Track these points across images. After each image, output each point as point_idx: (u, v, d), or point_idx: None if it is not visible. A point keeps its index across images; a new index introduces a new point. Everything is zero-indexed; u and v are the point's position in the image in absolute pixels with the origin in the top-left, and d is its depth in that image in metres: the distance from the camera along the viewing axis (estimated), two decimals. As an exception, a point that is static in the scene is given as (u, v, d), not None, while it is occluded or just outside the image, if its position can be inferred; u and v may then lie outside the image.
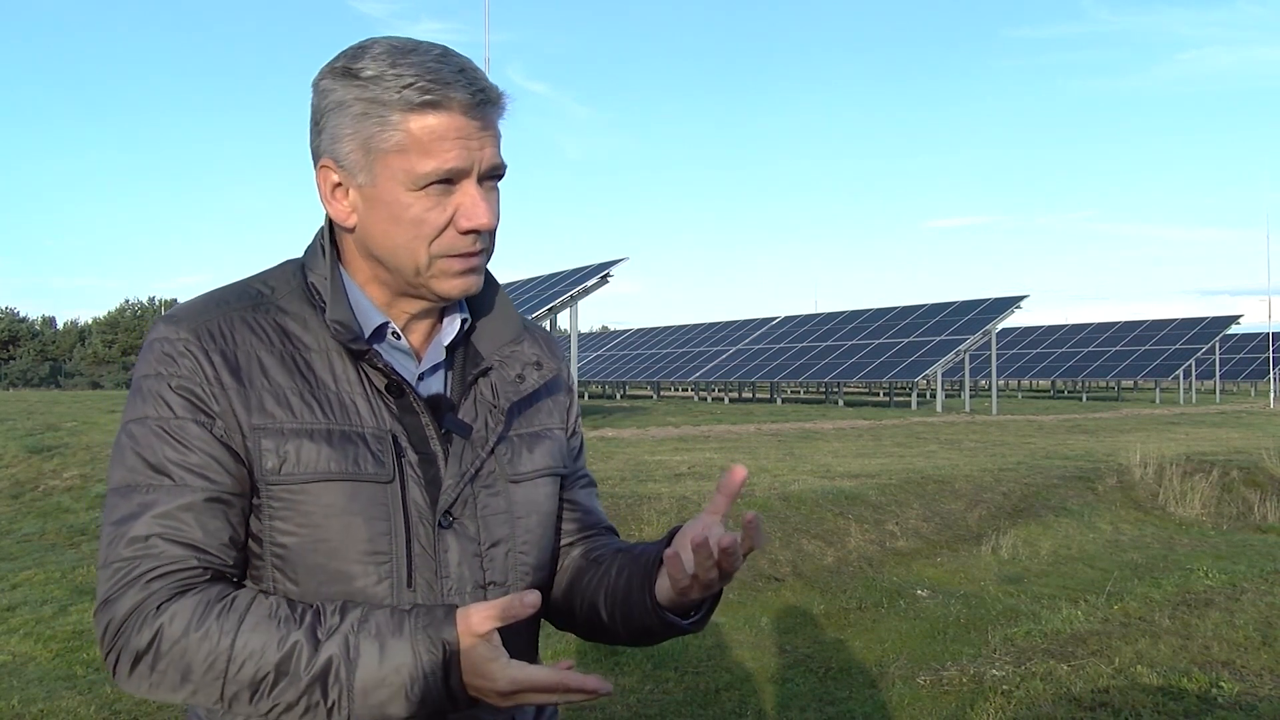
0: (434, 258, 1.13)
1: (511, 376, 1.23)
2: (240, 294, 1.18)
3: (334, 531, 1.10)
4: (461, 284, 1.16)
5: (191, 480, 1.07)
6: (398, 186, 1.11)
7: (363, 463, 1.11)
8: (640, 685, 4.54)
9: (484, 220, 1.12)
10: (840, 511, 7.88)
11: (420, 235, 1.12)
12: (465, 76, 1.10)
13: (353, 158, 1.13)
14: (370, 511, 1.10)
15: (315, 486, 1.09)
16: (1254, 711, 4.15)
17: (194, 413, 1.09)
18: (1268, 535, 8.57)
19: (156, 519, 1.06)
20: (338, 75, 1.13)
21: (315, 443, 1.10)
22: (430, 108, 1.09)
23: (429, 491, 1.14)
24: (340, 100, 1.12)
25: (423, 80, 1.08)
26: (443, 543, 1.14)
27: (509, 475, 1.21)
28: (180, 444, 1.08)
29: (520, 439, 1.24)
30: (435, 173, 1.10)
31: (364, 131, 1.11)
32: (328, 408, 1.12)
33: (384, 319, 1.19)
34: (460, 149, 1.10)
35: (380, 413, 1.14)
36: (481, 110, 1.11)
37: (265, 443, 1.09)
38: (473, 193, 1.12)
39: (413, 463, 1.14)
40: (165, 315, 1.15)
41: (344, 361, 1.15)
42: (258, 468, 1.09)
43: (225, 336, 1.12)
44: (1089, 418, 21.31)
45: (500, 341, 1.25)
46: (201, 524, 1.07)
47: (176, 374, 1.10)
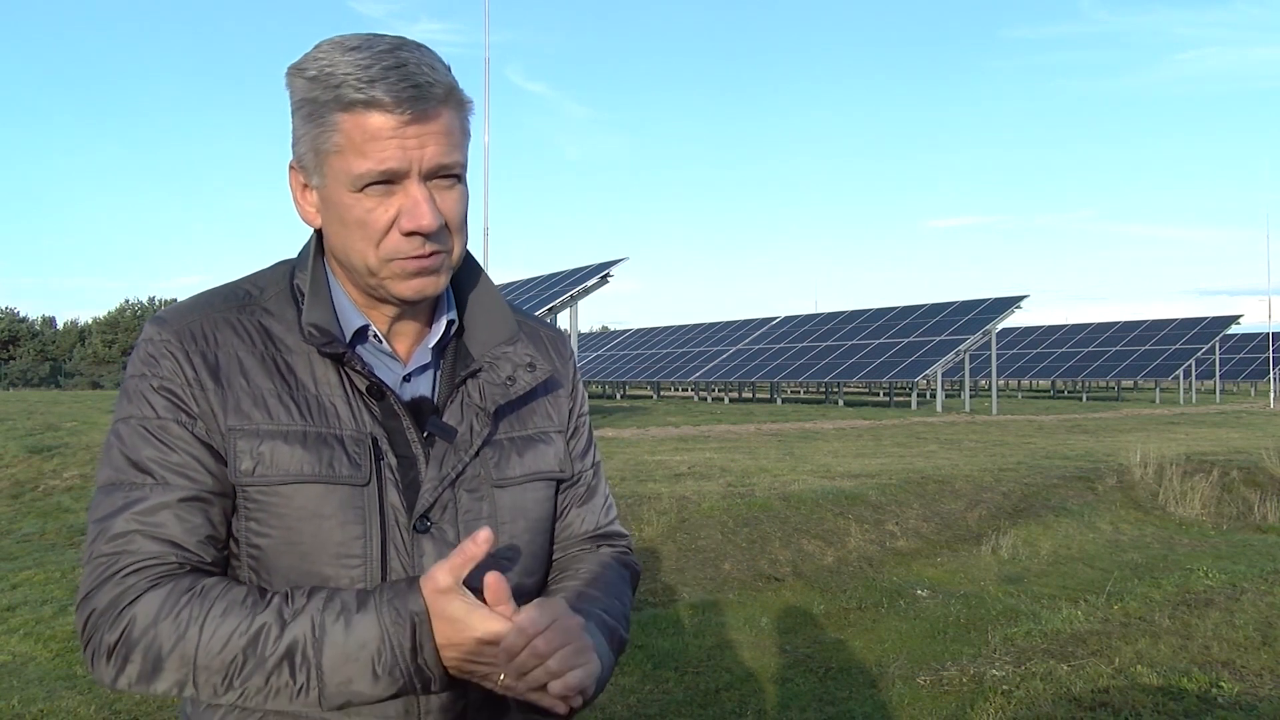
0: (384, 260, 1.11)
1: (501, 378, 1.21)
2: (228, 296, 1.18)
3: (306, 534, 1.09)
4: (415, 285, 1.13)
5: (172, 479, 1.08)
6: (341, 188, 1.10)
7: (337, 465, 1.10)
8: (640, 685, 4.54)
9: (424, 222, 1.08)
10: (840, 511, 7.87)
11: (366, 237, 1.10)
12: (400, 73, 1.06)
13: (308, 159, 1.12)
14: (344, 514, 1.10)
15: (288, 488, 1.09)
16: (1254, 711, 4.15)
17: (175, 413, 1.10)
18: (1268, 535, 8.56)
19: (137, 516, 1.06)
20: (293, 75, 1.11)
21: (289, 444, 1.10)
22: (362, 106, 1.06)
23: (407, 495, 1.13)
24: (296, 101, 1.11)
25: (354, 78, 1.06)
26: (419, 547, 1.12)
27: (494, 480, 1.19)
28: (162, 443, 1.09)
29: (511, 442, 1.22)
30: (370, 174, 1.07)
31: (312, 133, 1.10)
32: (306, 410, 1.12)
33: (365, 321, 1.18)
34: (395, 148, 1.07)
35: (361, 415, 1.13)
36: (416, 106, 1.06)
37: (240, 444, 1.09)
38: (414, 194, 1.09)
39: (392, 466, 1.12)
40: (154, 316, 1.16)
41: (325, 363, 1.15)
42: (232, 469, 1.09)
43: (207, 338, 1.13)
44: (1089, 418, 21.30)
45: (491, 343, 1.23)
46: (181, 521, 1.07)
47: (158, 374, 1.11)
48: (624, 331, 48.39)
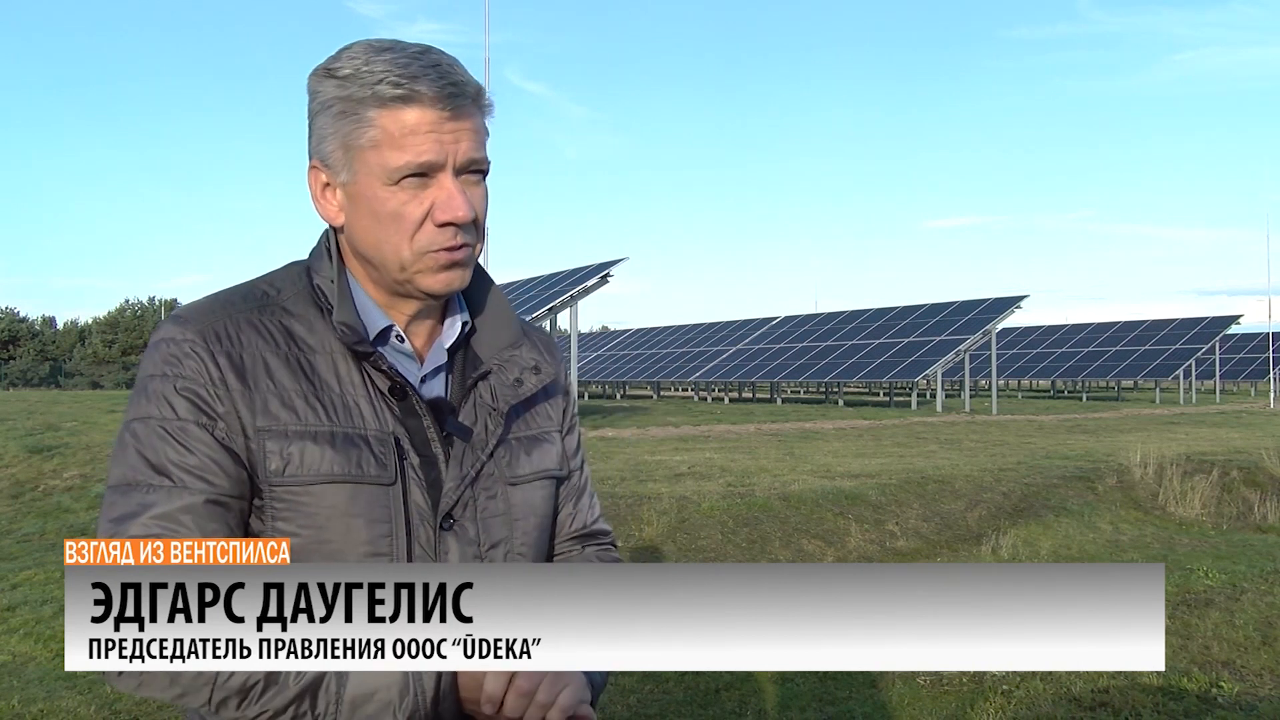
0: (417, 253, 1.14)
1: (510, 380, 1.24)
2: (246, 295, 1.19)
3: (336, 532, 1.11)
4: (445, 278, 1.16)
5: (191, 482, 1.08)
6: (375, 182, 1.13)
7: (365, 465, 1.12)
8: (640, 685, 4.54)
9: (460, 213, 1.12)
10: (840, 511, 7.88)
11: (400, 230, 1.13)
12: (437, 71, 1.11)
13: (335, 156, 1.15)
14: (372, 513, 1.12)
15: (318, 488, 1.10)
16: (1254, 711, 4.15)
17: (196, 414, 1.10)
18: (1268, 535, 8.57)
19: (154, 519, 1.06)
20: (321, 76, 1.15)
21: (319, 445, 1.11)
22: (401, 102, 1.10)
23: (430, 494, 1.15)
24: (324, 101, 1.14)
25: (393, 75, 1.10)
26: (443, 544, 1.15)
27: (507, 478, 1.22)
28: (181, 445, 1.09)
29: (518, 442, 1.25)
30: (408, 166, 1.11)
31: (343, 130, 1.13)
32: (331, 410, 1.13)
33: (388, 321, 1.20)
34: (432, 142, 1.11)
35: (383, 415, 1.15)
36: (454, 103, 1.12)
37: (270, 445, 1.10)
38: (449, 186, 1.13)
39: (414, 465, 1.15)
40: (172, 315, 1.16)
41: (348, 364, 1.16)
42: (261, 469, 1.10)
43: (231, 338, 1.13)
44: (1089, 418, 21.31)
45: (499, 345, 1.26)
46: (199, 525, 1.07)
47: (181, 375, 1.10)
48: (624, 331, 48.41)
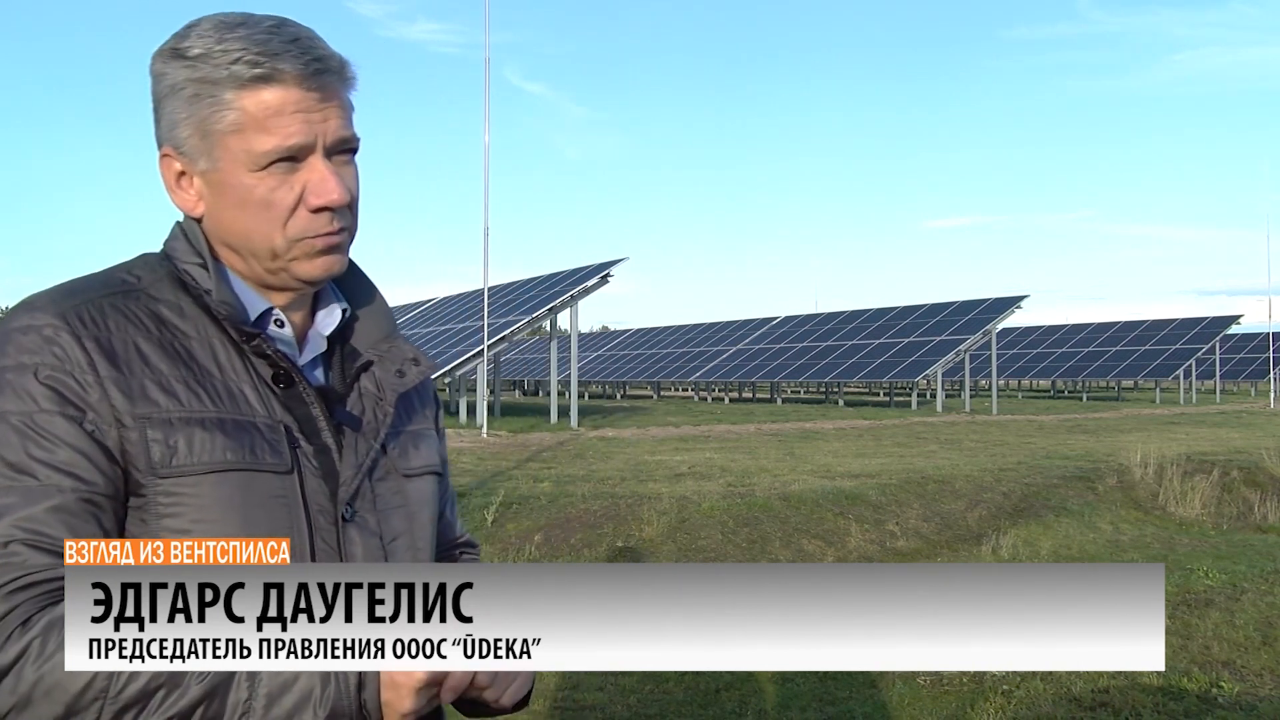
0: (290, 241, 1.07)
1: (393, 371, 1.18)
2: (105, 282, 1.08)
3: (233, 526, 1.00)
4: (324, 263, 1.09)
5: (59, 480, 0.96)
6: (240, 169, 1.05)
7: (260, 452, 1.03)
8: (640, 685, 4.54)
9: (335, 196, 1.06)
10: (840, 511, 7.88)
11: (270, 218, 1.06)
12: (298, 46, 1.04)
13: (191, 143, 1.07)
14: (270, 504, 1.03)
15: (212, 478, 1.01)
16: (1254, 711, 4.15)
17: (62, 405, 0.98)
18: (1268, 535, 8.57)
19: (17, 523, 0.94)
20: (167, 57, 1.06)
21: (208, 431, 1.02)
22: (262, 82, 1.03)
23: (327, 483, 1.08)
24: (172, 84, 1.06)
25: (250, 53, 1.02)
26: (347, 536, 1.08)
27: (401, 470, 1.16)
28: (46, 440, 0.97)
29: (406, 435, 1.20)
30: (276, 150, 1.04)
31: (198, 114, 1.05)
32: (215, 396, 1.04)
33: (267, 304, 1.12)
34: (300, 123, 1.04)
35: (270, 402, 1.07)
36: (320, 80, 1.05)
37: (152, 433, 1.00)
38: (320, 169, 1.06)
39: (308, 454, 1.07)
40: (21, 303, 1.05)
41: (227, 349, 1.08)
42: (144, 461, 0.99)
43: (97, 322, 1.02)
44: (1089, 418, 21.31)
45: (376, 336, 1.20)
46: (70, 528, 0.96)
47: (43, 363, 0.99)
48: (624, 331, 48.41)
